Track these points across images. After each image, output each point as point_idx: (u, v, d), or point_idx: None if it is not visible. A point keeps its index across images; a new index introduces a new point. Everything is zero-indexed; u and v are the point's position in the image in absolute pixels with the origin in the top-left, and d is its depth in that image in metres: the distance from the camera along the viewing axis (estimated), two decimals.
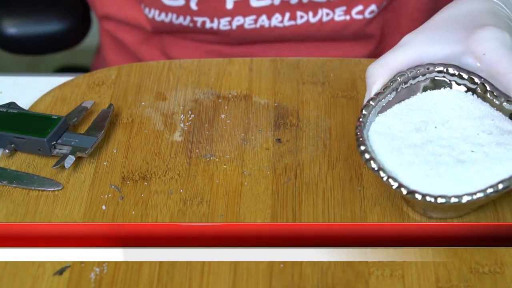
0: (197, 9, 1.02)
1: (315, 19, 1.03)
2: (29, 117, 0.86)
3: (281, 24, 1.04)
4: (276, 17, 1.03)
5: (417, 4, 1.06)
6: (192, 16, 1.03)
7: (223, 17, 1.03)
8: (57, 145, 0.84)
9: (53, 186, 0.81)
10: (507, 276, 0.74)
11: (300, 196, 0.80)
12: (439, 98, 0.82)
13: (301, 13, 1.03)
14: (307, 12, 1.03)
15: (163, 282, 0.74)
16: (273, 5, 1.02)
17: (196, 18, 1.03)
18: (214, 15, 1.03)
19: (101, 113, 0.88)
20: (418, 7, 1.06)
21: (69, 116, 0.88)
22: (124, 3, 1.07)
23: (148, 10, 1.04)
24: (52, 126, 0.85)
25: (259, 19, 1.03)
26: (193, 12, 1.03)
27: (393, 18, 1.07)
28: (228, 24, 1.03)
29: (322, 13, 1.03)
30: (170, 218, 0.79)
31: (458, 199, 0.73)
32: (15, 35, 1.15)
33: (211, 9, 1.02)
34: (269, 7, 1.02)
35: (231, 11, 1.02)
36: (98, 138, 0.85)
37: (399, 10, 1.07)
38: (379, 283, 0.74)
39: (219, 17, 1.03)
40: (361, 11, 1.03)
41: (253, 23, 1.03)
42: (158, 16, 1.04)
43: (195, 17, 1.03)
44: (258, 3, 1.02)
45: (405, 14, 1.07)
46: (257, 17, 1.03)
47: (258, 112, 0.89)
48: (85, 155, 0.83)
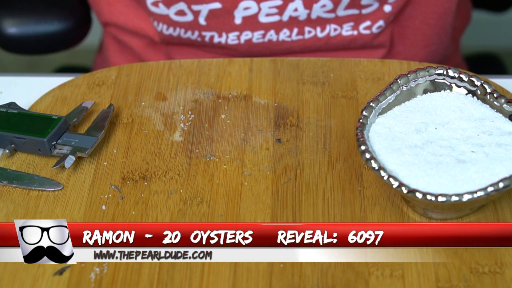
0: (205, 24, 1.02)
1: (322, 34, 1.04)
2: (29, 117, 0.86)
3: (289, 38, 1.04)
4: (284, 32, 1.03)
5: (424, 19, 1.06)
6: (200, 31, 1.03)
7: (232, 32, 1.03)
8: (57, 145, 0.84)
9: (53, 186, 0.81)
10: (507, 276, 0.74)
11: (300, 196, 0.80)
12: (439, 100, 0.82)
13: (309, 29, 1.03)
14: (315, 27, 1.03)
15: (163, 282, 0.74)
16: (282, 21, 1.02)
17: (204, 33, 1.03)
18: (222, 30, 1.03)
19: (101, 113, 0.88)
20: (425, 21, 1.06)
21: (69, 116, 0.88)
22: (133, 14, 1.07)
23: (156, 23, 1.05)
24: (52, 126, 0.85)
25: (267, 33, 1.03)
26: (202, 27, 1.03)
27: (401, 30, 1.07)
28: (237, 39, 1.03)
29: (330, 28, 1.03)
30: (170, 218, 0.79)
31: (459, 198, 0.73)
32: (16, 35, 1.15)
33: (219, 24, 1.02)
34: (277, 23, 1.02)
35: (239, 26, 1.02)
36: (98, 138, 0.85)
37: (407, 23, 1.07)
38: (379, 283, 0.74)
39: (227, 31, 1.03)
40: (369, 26, 1.04)
41: (261, 38, 1.03)
42: (166, 30, 1.04)
43: (204, 31, 1.03)
44: (266, 19, 1.02)
45: (412, 27, 1.07)
46: (265, 32, 1.03)
47: (258, 112, 0.89)
48: (85, 155, 0.83)
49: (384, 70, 0.93)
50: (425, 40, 1.08)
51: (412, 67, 0.93)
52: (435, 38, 1.08)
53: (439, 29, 1.07)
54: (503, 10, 1.34)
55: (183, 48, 1.08)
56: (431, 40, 1.08)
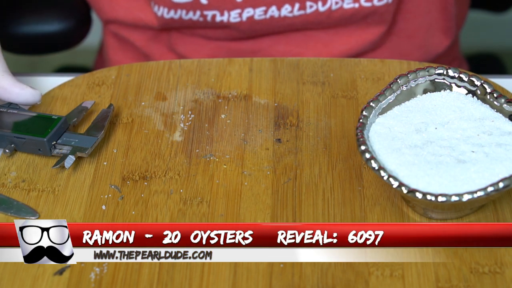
0: (207, 3, 1.03)
1: (324, 7, 1.04)
2: (29, 117, 0.86)
3: (290, 14, 1.04)
4: (286, 7, 1.03)
5: None
6: (202, 10, 1.04)
7: (233, 10, 1.03)
8: (57, 145, 0.84)
9: (29, 214, 0.80)
10: (507, 276, 0.74)
11: (300, 196, 0.80)
12: (439, 100, 0.82)
13: (311, 3, 1.03)
14: (316, 1, 1.03)
15: (163, 282, 0.74)
16: None
17: (206, 12, 1.04)
18: (224, 8, 1.03)
19: (101, 113, 0.88)
20: None
21: (69, 116, 0.88)
22: (132, 5, 1.08)
23: (157, 8, 1.05)
24: (52, 126, 0.85)
25: (269, 10, 1.03)
26: (203, 6, 1.03)
27: (403, 4, 1.07)
28: (238, 16, 1.04)
29: (331, 1, 1.04)
30: (170, 218, 0.79)
31: (459, 198, 0.73)
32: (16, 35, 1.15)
33: (221, 2, 1.03)
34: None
35: (241, 3, 1.03)
36: (98, 138, 0.85)
37: None
38: (379, 283, 0.74)
39: (229, 9, 1.03)
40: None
41: (263, 14, 1.04)
42: (167, 13, 1.05)
43: (205, 11, 1.04)
44: None
45: (415, 1, 1.07)
46: (267, 8, 1.03)
47: (258, 112, 0.89)
48: (85, 155, 0.83)
49: (384, 70, 0.93)
50: (427, 17, 1.08)
51: (412, 67, 0.93)
52: (438, 16, 1.08)
53: (442, 6, 1.07)
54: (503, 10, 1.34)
55: (184, 37, 1.09)
56: (433, 18, 1.08)
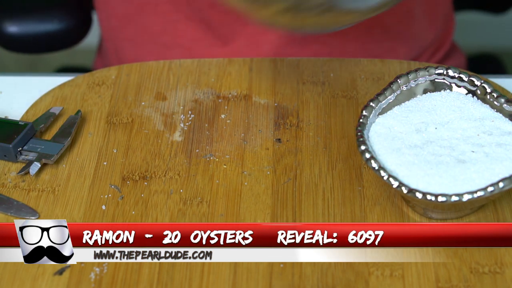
0: None
1: None
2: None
3: None
4: None
5: None
6: None
7: None
8: (23, 151, 0.84)
9: (29, 214, 0.80)
10: (507, 276, 0.74)
11: (300, 196, 0.80)
12: (439, 100, 0.82)
13: None
14: None
15: (163, 282, 0.74)
16: None
17: None
18: None
19: (68, 120, 0.87)
20: None
21: (36, 122, 0.87)
22: None
23: None
24: (19, 132, 0.84)
25: None
26: None
27: None
28: None
29: None
30: (170, 218, 0.79)
31: (459, 198, 0.73)
32: (16, 34, 1.15)
33: None
34: None
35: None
36: (64, 145, 0.84)
37: None
38: (379, 283, 0.74)
39: None
40: None
41: None
42: None
43: None
44: None
45: None
46: None
47: (258, 112, 0.89)
48: (51, 162, 0.83)
49: (384, 70, 0.93)
50: None
51: (412, 67, 0.93)
52: None
53: None
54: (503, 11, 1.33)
55: None
56: None
